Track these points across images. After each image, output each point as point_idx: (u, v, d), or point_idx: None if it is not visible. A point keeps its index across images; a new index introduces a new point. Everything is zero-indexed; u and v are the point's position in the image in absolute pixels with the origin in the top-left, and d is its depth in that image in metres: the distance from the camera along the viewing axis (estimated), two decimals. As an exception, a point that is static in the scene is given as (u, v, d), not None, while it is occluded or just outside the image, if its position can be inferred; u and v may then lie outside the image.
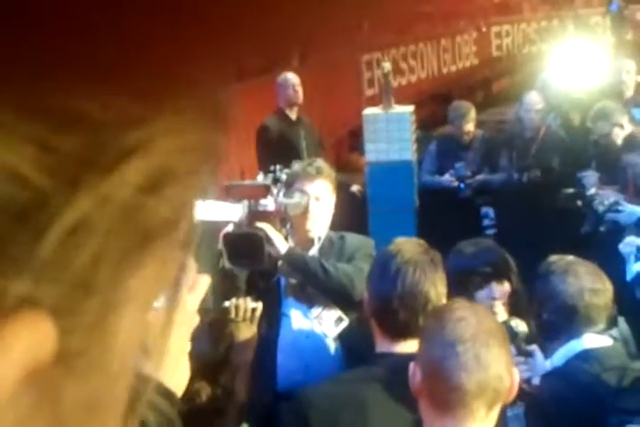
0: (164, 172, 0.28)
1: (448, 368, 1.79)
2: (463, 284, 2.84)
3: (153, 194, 0.28)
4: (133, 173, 0.27)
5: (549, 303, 2.92)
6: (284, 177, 3.41)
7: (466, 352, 1.80)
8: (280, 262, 3.30)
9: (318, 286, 3.29)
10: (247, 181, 3.73)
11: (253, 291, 3.20)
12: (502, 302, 3.00)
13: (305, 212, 3.38)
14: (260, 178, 3.41)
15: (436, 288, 2.48)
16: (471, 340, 1.81)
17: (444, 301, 2.48)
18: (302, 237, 3.46)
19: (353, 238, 3.54)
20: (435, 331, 1.89)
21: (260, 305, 3.02)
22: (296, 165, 3.62)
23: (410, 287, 2.44)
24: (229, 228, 3.21)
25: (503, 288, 3.02)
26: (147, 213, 0.28)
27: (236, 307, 2.99)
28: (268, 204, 3.23)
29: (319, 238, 3.46)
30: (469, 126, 6.92)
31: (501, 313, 2.97)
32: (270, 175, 3.42)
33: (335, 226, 3.71)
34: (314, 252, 3.44)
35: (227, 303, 3.00)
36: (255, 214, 3.24)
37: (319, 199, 3.45)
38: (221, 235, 3.16)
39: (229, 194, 3.34)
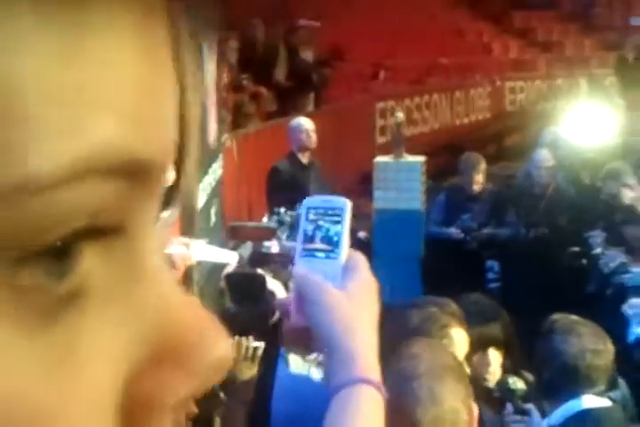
0: None
1: (405, 404, 1.80)
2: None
3: None
4: None
5: (550, 362, 2.92)
6: (288, 219, 3.44)
7: (420, 387, 1.80)
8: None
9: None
10: (252, 223, 3.77)
11: (254, 332, 3.20)
12: (497, 368, 2.99)
13: None
14: (265, 220, 3.44)
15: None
16: (425, 375, 1.82)
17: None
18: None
19: None
20: (391, 368, 1.90)
21: (261, 345, 3.02)
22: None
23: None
24: (231, 269, 3.23)
25: (499, 353, 3.01)
26: None
27: (238, 345, 2.99)
28: (272, 246, 3.26)
29: None
30: (479, 177, 6.95)
31: (496, 373, 2.96)
32: (275, 217, 3.45)
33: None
34: None
35: None
36: (259, 256, 3.26)
37: None
38: (223, 275, 3.18)
39: (234, 235, 3.37)
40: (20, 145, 0.26)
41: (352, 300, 1.11)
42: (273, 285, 3.19)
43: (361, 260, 1.16)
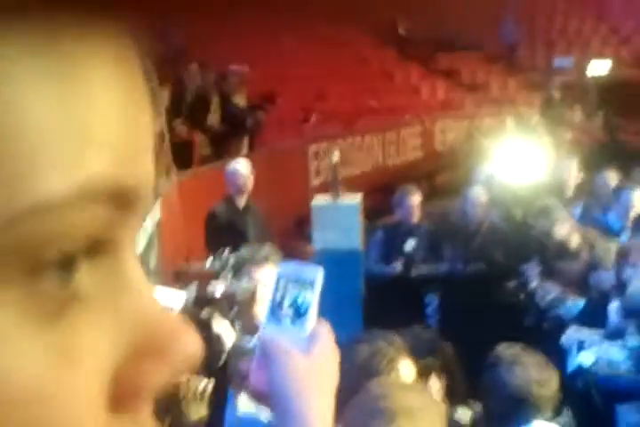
0: None
1: None
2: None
3: None
4: None
5: (497, 393, 2.97)
6: (232, 260, 3.47)
7: None
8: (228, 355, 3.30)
9: None
10: (196, 266, 3.77)
11: (202, 373, 3.20)
12: (439, 392, 3.02)
13: (252, 297, 3.43)
14: (209, 262, 3.46)
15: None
16: (401, 414, 1.85)
17: None
18: (249, 322, 3.48)
19: None
20: (357, 407, 1.92)
21: (211, 384, 3.02)
22: (244, 251, 3.67)
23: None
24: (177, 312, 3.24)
25: (440, 381, 3.05)
26: None
27: (187, 385, 2.99)
28: (217, 289, 3.27)
29: None
30: (416, 200, 7.04)
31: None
32: (219, 259, 3.47)
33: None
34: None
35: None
36: (203, 298, 3.27)
37: (266, 286, 3.49)
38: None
39: (179, 279, 3.38)
40: (30, 176, 0.32)
41: (313, 366, 1.14)
42: (219, 326, 3.20)
43: (325, 329, 1.19)
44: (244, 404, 3.34)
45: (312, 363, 1.14)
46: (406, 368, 2.65)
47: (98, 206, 0.34)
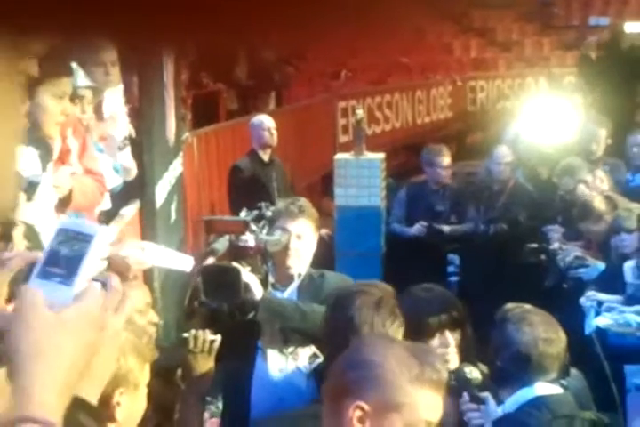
0: None
1: None
2: (416, 329, 2.87)
3: None
4: None
5: (504, 351, 2.96)
6: (269, 214, 3.47)
7: None
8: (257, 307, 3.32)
9: (296, 329, 3.32)
10: (227, 217, 3.76)
11: (231, 325, 3.21)
12: (455, 351, 3.02)
13: (286, 249, 3.43)
14: (243, 214, 3.46)
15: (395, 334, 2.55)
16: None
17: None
18: (283, 273, 3.49)
19: (333, 277, 3.58)
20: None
21: (218, 337, 3.04)
22: (280, 203, 3.66)
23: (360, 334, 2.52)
24: (208, 262, 3.24)
25: (456, 336, 3.04)
26: None
27: (195, 338, 3.01)
28: (249, 239, 3.27)
29: (299, 275, 3.50)
30: (444, 160, 6.98)
31: (454, 361, 2.99)
32: (255, 212, 3.47)
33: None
34: (293, 288, 3.48)
35: (185, 335, 3.03)
36: (236, 249, 3.28)
37: (300, 237, 3.48)
38: (199, 269, 3.19)
39: (209, 229, 3.38)
40: None
41: (62, 326, 1.07)
42: (248, 278, 3.21)
43: (90, 290, 1.12)
44: (273, 355, 3.38)
45: (61, 322, 1.07)
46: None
47: None
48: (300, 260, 3.50)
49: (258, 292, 3.24)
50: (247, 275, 3.19)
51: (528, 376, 2.89)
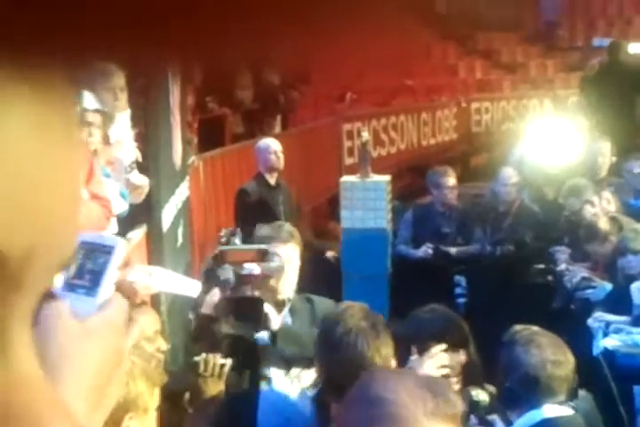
0: None
1: None
2: (419, 350, 2.87)
3: None
4: None
5: (512, 373, 2.96)
6: (236, 240, 3.50)
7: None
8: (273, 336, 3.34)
9: (308, 356, 3.33)
10: (243, 246, 3.75)
11: (234, 351, 3.21)
12: (457, 372, 3.01)
13: (279, 274, 3.46)
14: (224, 239, 3.47)
15: (380, 353, 2.54)
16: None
17: (391, 362, 2.53)
18: (273, 298, 3.51)
19: (320, 302, 3.62)
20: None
21: (229, 361, 3.05)
22: (265, 229, 3.69)
23: (353, 357, 2.51)
24: (218, 291, 3.25)
25: (458, 357, 3.04)
26: None
27: (205, 362, 3.01)
28: (254, 268, 3.29)
29: (288, 299, 3.54)
30: (450, 182, 7.02)
31: (456, 383, 2.98)
32: (235, 237, 3.48)
33: (309, 292, 3.78)
34: (285, 312, 3.51)
35: (196, 358, 3.03)
36: (241, 278, 3.29)
37: (290, 262, 3.54)
38: (220, 299, 3.20)
39: (223, 258, 3.38)
40: None
41: (87, 334, 1.07)
42: (267, 308, 3.26)
43: (116, 299, 1.14)
44: (278, 378, 3.40)
45: (85, 331, 1.08)
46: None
47: None
48: (290, 284, 3.56)
49: (276, 321, 3.28)
50: (267, 305, 3.24)
51: (536, 398, 2.89)
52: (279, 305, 3.51)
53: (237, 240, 3.52)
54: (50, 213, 0.36)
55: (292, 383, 3.40)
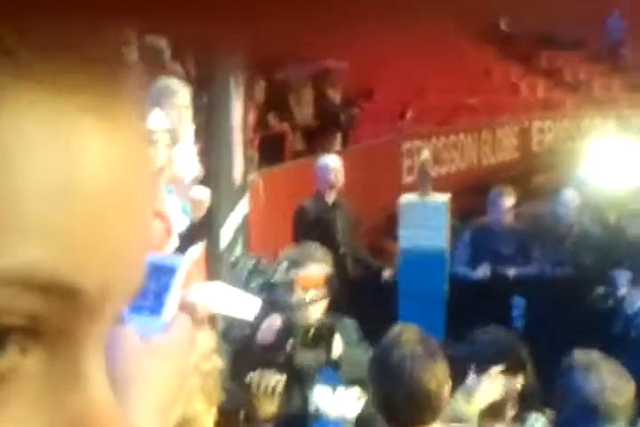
0: None
1: None
2: (476, 371, 2.84)
3: None
4: None
5: (570, 399, 2.92)
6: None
7: None
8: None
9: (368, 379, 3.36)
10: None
11: (279, 370, 3.22)
12: (514, 396, 2.98)
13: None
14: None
15: (437, 377, 2.52)
16: None
17: (446, 388, 2.51)
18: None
19: (347, 322, 3.64)
20: None
21: (282, 378, 3.05)
22: (303, 249, 3.69)
23: (411, 384, 2.50)
24: (279, 317, 3.26)
25: (516, 380, 3.00)
26: None
27: (259, 381, 3.02)
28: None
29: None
30: (509, 202, 6.97)
31: (513, 407, 2.95)
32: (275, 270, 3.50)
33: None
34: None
35: (249, 377, 3.04)
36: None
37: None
38: (298, 325, 3.22)
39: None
40: None
41: (152, 354, 1.08)
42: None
43: (181, 318, 1.14)
44: (323, 396, 3.40)
45: (152, 351, 1.08)
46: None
47: (27, 293, 0.34)
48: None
49: (339, 348, 3.30)
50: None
51: (595, 425, 2.84)
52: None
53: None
54: (129, 239, 0.37)
55: (336, 402, 3.40)
